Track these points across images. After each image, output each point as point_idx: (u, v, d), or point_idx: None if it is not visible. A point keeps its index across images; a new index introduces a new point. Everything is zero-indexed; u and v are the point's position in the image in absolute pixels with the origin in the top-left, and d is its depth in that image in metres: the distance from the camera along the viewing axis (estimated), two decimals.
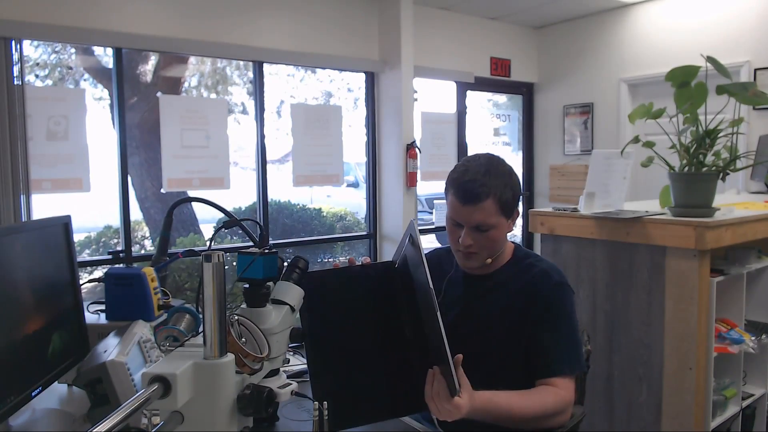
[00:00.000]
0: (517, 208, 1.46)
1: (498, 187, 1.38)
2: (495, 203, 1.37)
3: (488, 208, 1.37)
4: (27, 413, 1.30)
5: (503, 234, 1.45)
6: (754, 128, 4.11)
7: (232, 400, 1.00)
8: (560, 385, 1.35)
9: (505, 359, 1.42)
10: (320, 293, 1.28)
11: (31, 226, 1.52)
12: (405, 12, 4.51)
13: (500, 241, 1.45)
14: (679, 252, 2.00)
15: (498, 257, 1.49)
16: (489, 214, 1.37)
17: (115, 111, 3.57)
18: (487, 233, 1.40)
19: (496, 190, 1.37)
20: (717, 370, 2.18)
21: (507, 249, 1.52)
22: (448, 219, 1.45)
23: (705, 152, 1.97)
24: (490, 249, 1.44)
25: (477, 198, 1.36)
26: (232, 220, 1.42)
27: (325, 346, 1.27)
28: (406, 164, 4.57)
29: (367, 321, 1.30)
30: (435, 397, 1.15)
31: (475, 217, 1.38)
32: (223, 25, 3.91)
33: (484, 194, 1.36)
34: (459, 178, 1.40)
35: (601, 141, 5.24)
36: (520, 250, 1.53)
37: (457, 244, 1.43)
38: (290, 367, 1.65)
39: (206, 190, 3.87)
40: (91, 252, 5.04)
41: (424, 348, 1.25)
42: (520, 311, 1.41)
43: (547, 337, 1.38)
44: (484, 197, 1.36)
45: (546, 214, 2.43)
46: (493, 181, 1.37)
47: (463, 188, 1.38)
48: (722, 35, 4.35)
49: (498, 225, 1.40)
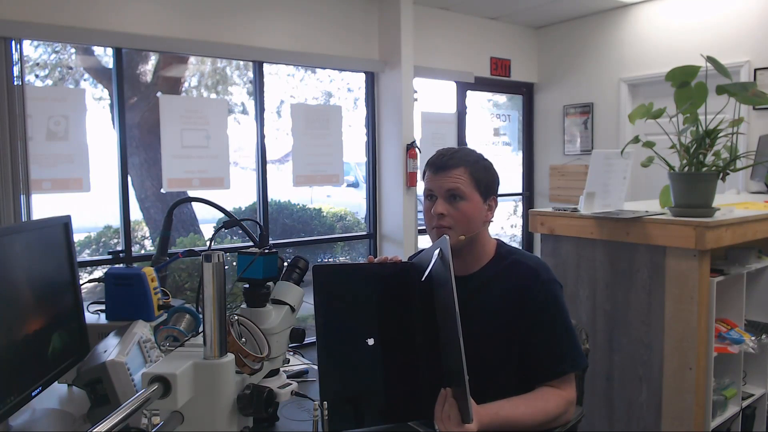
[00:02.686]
0: (494, 193, 1.46)
1: (469, 161, 1.43)
2: (467, 173, 1.41)
3: (460, 175, 1.40)
4: (27, 413, 1.30)
5: (477, 212, 1.42)
6: (754, 128, 4.11)
7: (232, 400, 1.00)
8: (562, 385, 1.35)
9: (496, 363, 1.39)
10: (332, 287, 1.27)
11: (31, 226, 1.52)
12: (405, 12, 4.51)
13: (474, 219, 1.41)
14: (679, 252, 2.00)
15: (480, 255, 1.46)
16: (461, 181, 1.40)
17: (115, 111, 3.57)
18: (460, 205, 1.40)
19: (467, 163, 1.42)
20: (717, 370, 2.18)
21: (489, 246, 1.48)
22: (423, 196, 1.47)
23: (705, 152, 1.97)
24: (464, 225, 1.40)
25: (448, 166, 1.41)
26: (232, 220, 1.42)
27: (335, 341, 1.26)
28: (406, 164, 4.57)
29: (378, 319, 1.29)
30: (446, 420, 1.13)
31: (447, 183, 1.40)
32: (223, 25, 3.91)
33: (456, 164, 1.41)
34: (432, 156, 1.47)
35: (601, 141, 5.24)
36: (503, 247, 1.50)
37: (431, 219, 1.43)
38: (290, 367, 1.65)
39: (206, 190, 3.87)
40: (91, 252, 5.04)
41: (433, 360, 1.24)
42: (511, 313, 1.38)
43: (545, 339, 1.37)
44: (456, 166, 1.41)
45: (546, 214, 2.43)
46: (465, 156, 1.44)
47: (436, 160, 1.44)
48: (722, 35, 4.35)
49: (470, 198, 1.40)
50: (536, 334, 1.37)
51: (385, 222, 4.82)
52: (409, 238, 4.65)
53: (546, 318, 1.38)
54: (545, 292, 1.39)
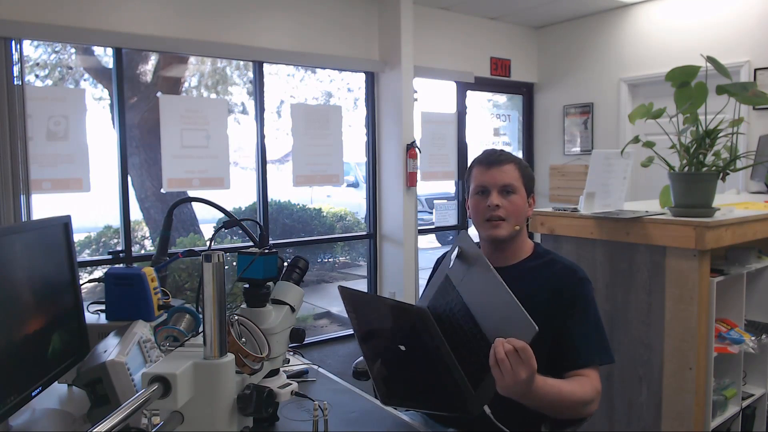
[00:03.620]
0: (533, 190, 1.56)
1: (516, 159, 1.55)
2: (516, 169, 1.52)
3: (511, 171, 1.51)
4: (27, 413, 1.30)
5: (524, 206, 1.52)
6: (754, 128, 4.11)
7: (232, 400, 1.00)
8: (590, 376, 1.38)
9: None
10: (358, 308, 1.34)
11: (31, 226, 1.52)
12: (405, 12, 4.51)
13: (523, 211, 1.52)
14: (679, 252, 2.00)
15: (520, 249, 1.54)
16: (513, 176, 1.50)
17: (115, 111, 3.57)
18: (512, 198, 1.49)
19: (515, 160, 1.54)
20: (717, 370, 2.18)
21: (528, 243, 1.57)
22: (474, 192, 1.53)
23: (705, 152, 1.97)
24: (516, 217, 1.49)
25: (500, 161, 1.51)
26: (232, 220, 1.42)
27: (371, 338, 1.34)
28: (406, 164, 4.57)
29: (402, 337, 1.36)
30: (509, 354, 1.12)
31: (501, 177, 1.49)
32: (223, 25, 3.91)
33: (506, 160, 1.52)
34: (481, 155, 1.57)
35: (601, 141, 5.24)
36: (540, 247, 1.59)
37: (485, 212, 1.49)
38: (290, 367, 1.65)
39: (206, 190, 3.87)
40: (91, 252, 5.04)
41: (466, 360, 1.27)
42: (546, 303, 1.42)
43: (577, 331, 1.41)
44: (507, 162, 1.52)
45: (546, 214, 2.43)
46: (510, 154, 1.56)
47: (486, 157, 1.54)
48: (722, 35, 4.35)
49: (520, 192, 1.51)
50: (571, 325, 1.42)
51: (385, 222, 4.82)
52: (409, 238, 4.65)
53: (581, 311, 1.44)
54: (582, 288, 1.46)
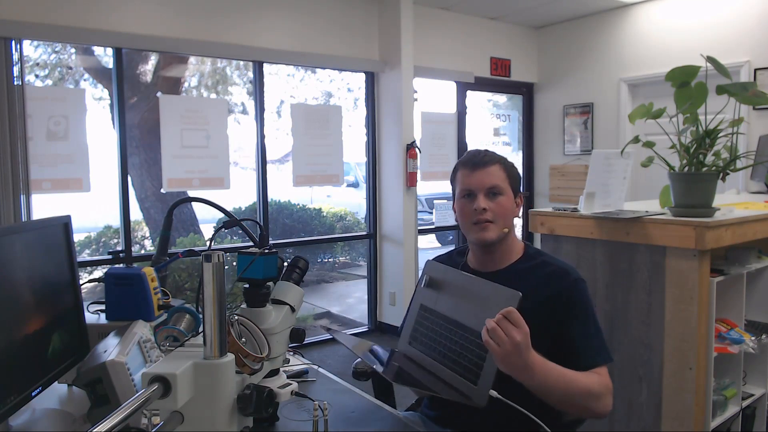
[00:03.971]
0: (520, 190, 1.54)
1: (501, 159, 1.52)
2: (502, 169, 1.49)
3: (496, 172, 1.48)
4: (27, 413, 1.30)
5: (512, 206, 1.50)
6: (754, 128, 4.11)
7: (232, 400, 1.00)
8: (599, 372, 1.36)
9: None
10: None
11: (31, 226, 1.52)
12: (405, 12, 4.51)
13: (511, 212, 1.49)
14: (679, 252, 2.00)
15: (510, 251, 1.51)
16: (498, 177, 1.48)
17: (115, 111, 3.57)
18: (499, 199, 1.46)
19: (500, 160, 1.51)
20: (717, 370, 2.18)
21: (518, 245, 1.54)
22: (459, 195, 1.51)
23: (705, 152, 1.97)
24: (503, 218, 1.47)
25: (485, 163, 1.48)
26: (232, 220, 1.42)
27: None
28: (406, 164, 4.57)
29: None
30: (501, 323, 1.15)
31: (487, 179, 1.47)
32: (223, 25, 3.91)
33: (491, 161, 1.49)
34: (465, 157, 1.54)
35: (601, 141, 5.24)
36: (531, 248, 1.56)
37: (472, 215, 1.47)
38: (290, 367, 1.65)
39: (206, 190, 3.87)
40: (91, 252, 5.04)
41: None
42: (541, 306, 1.39)
43: (578, 333, 1.39)
44: (492, 163, 1.49)
45: (546, 214, 2.43)
46: (495, 154, 1.53)
47: (471, 159, 1.51)
48: (722, 35, 4.35)
49: (507, 193, 1.48)
50: (571, 329, 1.39)
51: (385, 222, 4.82)
52: (409, 238, 4.65)
53: (579, 313, 1.41)
54: (577, 289, 1.44)
